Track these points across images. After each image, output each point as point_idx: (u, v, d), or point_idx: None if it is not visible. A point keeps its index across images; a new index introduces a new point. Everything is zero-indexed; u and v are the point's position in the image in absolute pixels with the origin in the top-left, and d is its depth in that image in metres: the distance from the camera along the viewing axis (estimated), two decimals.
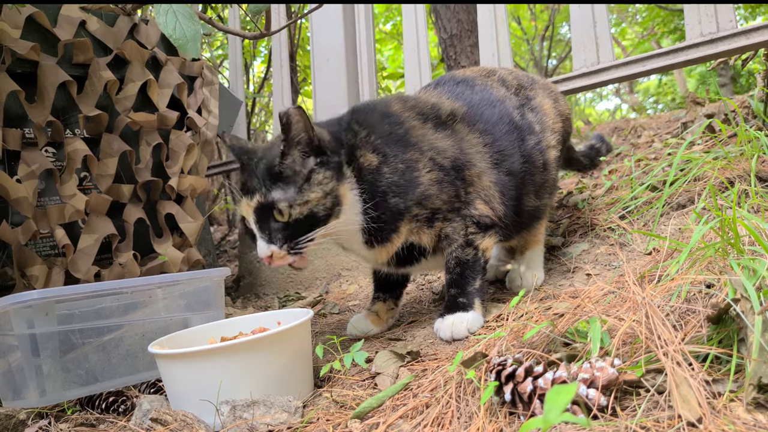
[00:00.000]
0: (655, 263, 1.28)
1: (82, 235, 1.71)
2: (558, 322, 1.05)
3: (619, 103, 10.32)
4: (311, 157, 1.24)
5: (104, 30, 1.85)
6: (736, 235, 1.02)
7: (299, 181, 1.21)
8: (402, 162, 1.29)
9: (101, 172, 1.78)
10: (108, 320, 1.34)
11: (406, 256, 1.36)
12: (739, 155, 1.63)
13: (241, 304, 2.24)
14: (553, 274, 1.61)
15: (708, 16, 1.90)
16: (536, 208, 1.54)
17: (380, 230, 1.29)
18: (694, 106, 2.38)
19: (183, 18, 1.40)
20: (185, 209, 1.97)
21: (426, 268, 1.48)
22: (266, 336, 1.08)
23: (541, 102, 1.59)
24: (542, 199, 1.55)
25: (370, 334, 1.47)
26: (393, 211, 1.29)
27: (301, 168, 1.22)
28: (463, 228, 1.35)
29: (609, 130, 3.69)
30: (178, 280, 1.44)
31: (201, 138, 2.05)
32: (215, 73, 2.24)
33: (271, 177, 1.21)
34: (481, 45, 2.36)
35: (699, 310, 0.90)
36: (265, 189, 1.21)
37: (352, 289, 2.13)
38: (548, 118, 1.57)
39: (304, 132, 1.21)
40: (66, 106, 1.78)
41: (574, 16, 2.19)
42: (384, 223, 1.29)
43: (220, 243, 3.61)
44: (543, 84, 1.67)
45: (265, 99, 4.52)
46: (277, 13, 2.89)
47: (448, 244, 1.35)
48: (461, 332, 1.27)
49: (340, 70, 2.72)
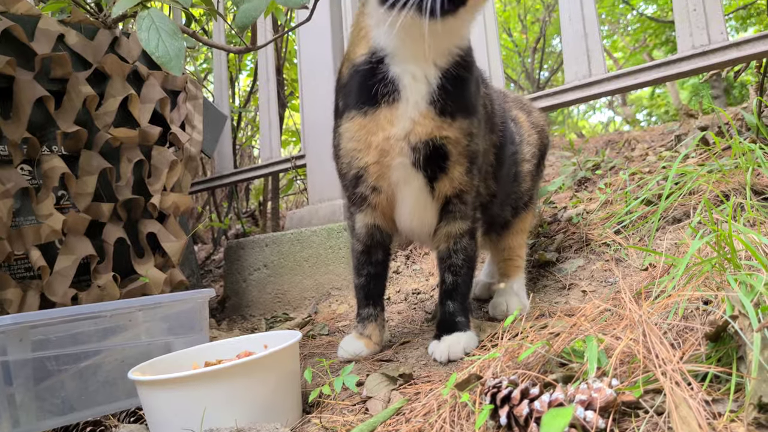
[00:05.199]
0: (651, 279, 1.26)
1: (59, 257, 1.66)
2: (554, 341, 1.03)
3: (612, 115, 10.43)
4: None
5: (83, 44, 1.80)
6: (733, 250, 1.01)
7: None
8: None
9: (80, 191, 1.73)
10: (85, 346, 1.28)
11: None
12: (734, 168, 1.61)
13: (226, 327, 2.18)
14: (549, 291, 1.58)
15: (699, 28, 1.89)
16: (500, 217, 1.56)
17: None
18: (688, 119, 2.37)
19: (166, 35, 1.36)
20: (168, 228, 1.92)
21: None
22: (252, 360, 1.03)
23: (517, 114, 1.62)
24: (504, 210, 1.56)
25: (361, 356, 1.42)
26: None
27: None
28: (473, 202, 1.32)
29: (603, 143, 3.70)
30: (160, 303, 1.39)
31: (185, 154, 2.01)
32: (199, 88, 2.20)
33: None
34: None
35: (697, 327, 0.89)
36: None
37: (342, 309, 2.08)
38: (524, 130, 1.60)
39: None
40: (43, 122, 1.73)
41: (565, 29, 2.18)
42: None
43: (204, 262, 3.55)
44: (515, 97, 1.73)
45: (251, 113, 4.48)
46: (264, 26, 2.87)
47: (458, 219, 1.31)
48: (458, 353, 1.24)
49: (329, 83, 2.69)
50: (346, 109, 1.29)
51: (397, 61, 1.20)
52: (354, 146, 1.27)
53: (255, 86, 3.74)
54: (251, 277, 2.43)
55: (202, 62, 4.52)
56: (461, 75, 1.22)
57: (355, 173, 1.30)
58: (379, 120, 1.22)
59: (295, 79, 3.88)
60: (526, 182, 1.61)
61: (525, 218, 1.64)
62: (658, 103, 8.81)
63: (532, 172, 1.62)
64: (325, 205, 2.48)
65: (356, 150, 1.27)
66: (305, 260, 2.31)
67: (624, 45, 8.57)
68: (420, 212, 1.33)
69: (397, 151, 1.23)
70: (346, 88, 1.29)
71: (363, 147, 1.26)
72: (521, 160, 1.58)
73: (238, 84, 4.36)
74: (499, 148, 1.45)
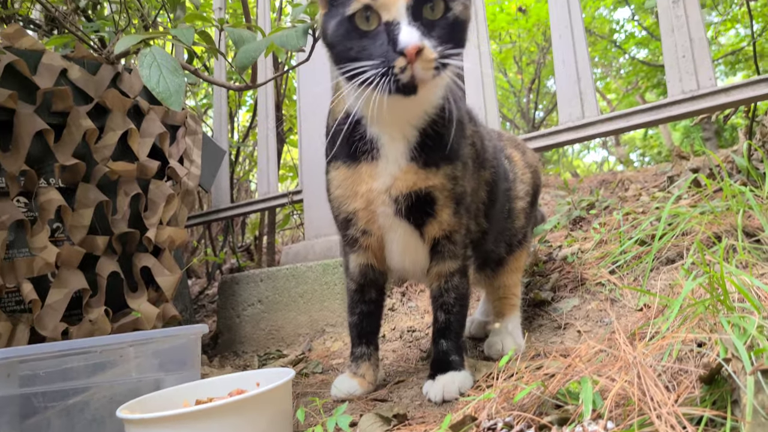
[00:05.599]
0: (646, 320, 1.26)
1: (52, 290, 1.64)
2: (549, 382, 1.02)
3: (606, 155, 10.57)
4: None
5: (86, 78, 1.82)
6: (725, 291, 1.03)
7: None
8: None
9: (75, 223, 1.72)
10: (74, 382, 1.26)
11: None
12: (725, 210, 1.63)
13: (218, 363, 2.16)
14: (544, 331, 1.57)
15: (688, 74, 1.93)
16: (494, 253, 1.57)
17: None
18: (680, 160, 2.41)
19: (167, 71, 1.38)
20: (162, 262, 1.91)
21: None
22: (243, 399, 1.01)
23: (512, 153, 1.65)
24: (498, 247, 1.56)
25: (354, 396, 1.40)
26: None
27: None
28: (463, 240, 1.33)
29: (597, 182, 3.74)
30: (152, 338, 1.37)
31: (182, 188, 2.01)
32: (199, 123, 2.22)
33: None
34: (468, 97, 2.38)
35: (691, 369, 0.89)
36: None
37: (336, 346, 2.06)
38: (518, 168, 1.63)
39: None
40: (41, 155, 1.74)
41: (559, 72, 2.23)
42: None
43: (198, 297, 3.52)
44: (509, 137, 1.77)
45: (249, 148, 4.51)
46: (264, 63, 2.91)
47: (447, 258, 1.32)
48: (452, 394, 1.22)
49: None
50: (333, 159, 1.32)
51: (374, 123, 1.23)
52: (341, 193, 1.30)
53: (254, 121, 3.77)
54: (245, 312, 2.41)
55: (203, 97, 4.57)
56: (440, 130, 1.24)
57: (344, 217, 1.33)
58: (361, 174, 1.26)
59: (294, 115, 3.92)
60: (520, 219, 1.62)
61: (520, 256, 1.65)
62: (651, 143, 8.94)
63: (526, 210, 1.63)
64: (321, 240, 2.48)
65: (344, 197, 1.30)
66: (300, 296, 2.29)
67: (617, 87, 8.73)
68: (411, 254, 1.34)
69: (380, 201, 1.26)
70: (332, 140, 1.32)
71: (350, 194, 1.29)
72: (515, 197, 1.60)
73: (238, 119, 4.41)
74: (491, 184, 1.46)
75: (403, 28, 1.04)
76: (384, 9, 1.07)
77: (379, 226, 1.31)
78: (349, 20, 1.10)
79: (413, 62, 1.03)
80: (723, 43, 5.87)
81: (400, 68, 1.04)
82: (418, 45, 1.02)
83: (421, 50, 1.03)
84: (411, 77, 1.05)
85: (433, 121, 1.24)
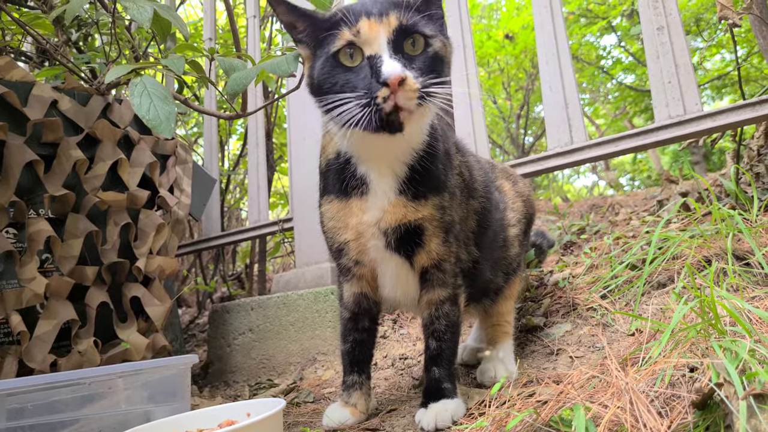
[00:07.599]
0: (638, 345, 1.26)
1: (40, 321, 1.62)
2: (541, 409, 1.01)
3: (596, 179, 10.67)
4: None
5: (76, 109, 1.83)
6: (716, 315, 1.02)
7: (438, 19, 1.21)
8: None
9: (64, 254, 1.71)
10: (62, 414, 1.24)
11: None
12: (715, 233, 1.64)
13: (208, 394, 2.13)
14: (536, 357, 1.56)
15: (675, 99, 1.96)
16: (493, 283, 1.58)
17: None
18: (669, 184, 2.43)
19: (157, 99, 1.39)
20: (152, 292, 1.89)
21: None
22: (233, 430, 1.00)
23: (502, 183, 1.70)
24: (497, 276, 1.58)
25: (346, 425, 1.38)
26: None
27: (437, 9, 1.21)
28: (452, 269, 1.34)
29: (587, 207, 3.76)
30: (141, 369, 1.36)
31: (172, 217, 2.01)
32: (189, 152, 2.23)
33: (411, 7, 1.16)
34: (457, 123, 2.40)
35: (683, 395, 0.89)
36: (406, 12, 1.14)
37: (328, 375, 2.04)
38: (508, 198, 1.67)
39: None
40: (31, 186, 1.73)
41: (547, 98, 2.25)
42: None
43: (188, 326, 3.48)
44: (502, 168, 1.80)
45: (240, 176, 4.52)
46: (254, 92, 2.93)
47: (436, 287, 1.32)
48: (445, 422, 1.21)
49: (317, 149, 2.73)
50: (325, 192, 1.37)
51: (362, 161, 1.27)
52: (334, 225, 1.34)
53: (245, 150, 3.78)
54: (236, 341, 2.39)
55: (193, 126, 4.59)
56: (428, 165, 1.28)
57: (337, 247, 1.36)
58: (352, 208, 1.29)
59: (284, 143, 3.94)
60: (515, 247, 1.63)
61: (514, 283, 1.66)
62: (641, 168, 9.03)
63: (519, 237, 1.65)
64: (312, 268, 2.48)
65: (336, 228, 1.34)
66: (291, 324, 2.28)
67: (605, 112, 8.84)
68: (402, 284, 1.36)
69: (369, 234, 1.29)
70: (324, 176, 1.38)
71: (342, 226, 1.32)
72: (507, 225, 1.62)
73: (228, 147, 4.42)
74: (481, 213, 1.47)
75: (385, 60, 1.08)
76: (366, 44, 1.12)
77: (370, 259, 1.34)
78: (333, 57, 1.14)
79: (396, 92, 1.06)
80: (709, 68, 5.98)
81: (383, 98, 1.07)
82: (400, 75, 1.05)
83: (403, 80, 1.06)
84: (394, 107, 1.08)
85: (420, 156, 1.27)
